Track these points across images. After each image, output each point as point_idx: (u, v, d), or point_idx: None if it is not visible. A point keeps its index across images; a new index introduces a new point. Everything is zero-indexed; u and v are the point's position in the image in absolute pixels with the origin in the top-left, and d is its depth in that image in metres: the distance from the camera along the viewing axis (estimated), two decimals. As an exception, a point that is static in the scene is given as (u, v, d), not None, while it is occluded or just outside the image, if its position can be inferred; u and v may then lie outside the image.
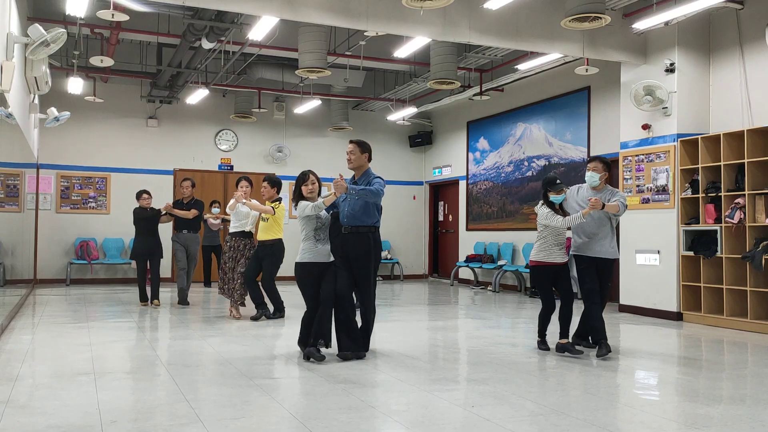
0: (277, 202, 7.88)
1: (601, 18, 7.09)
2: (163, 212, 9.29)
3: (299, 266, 5.58)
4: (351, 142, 5.91)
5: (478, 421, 3.85)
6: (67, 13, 8.77)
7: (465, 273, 13.78)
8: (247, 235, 8.13)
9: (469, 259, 13.11)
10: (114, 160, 13.20)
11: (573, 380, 5.08)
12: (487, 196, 13.49)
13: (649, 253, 8.83)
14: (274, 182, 7.94)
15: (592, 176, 6.21)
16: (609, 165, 6.28)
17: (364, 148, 5.88)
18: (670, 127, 8.64)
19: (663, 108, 8.61)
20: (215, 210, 11.54)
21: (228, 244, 8.13)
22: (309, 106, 13.51)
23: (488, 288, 12.64)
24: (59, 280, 12.62)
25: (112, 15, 7.56)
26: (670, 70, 8.59)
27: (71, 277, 12.60)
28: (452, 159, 14.77)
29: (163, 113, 13.55)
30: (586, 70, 9.53)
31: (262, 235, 7.89)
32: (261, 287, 8.06)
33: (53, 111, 9.51)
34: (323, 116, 14.56)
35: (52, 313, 8.60)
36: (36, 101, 8.97)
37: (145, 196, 9.28)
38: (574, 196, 6.30)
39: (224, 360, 5.60)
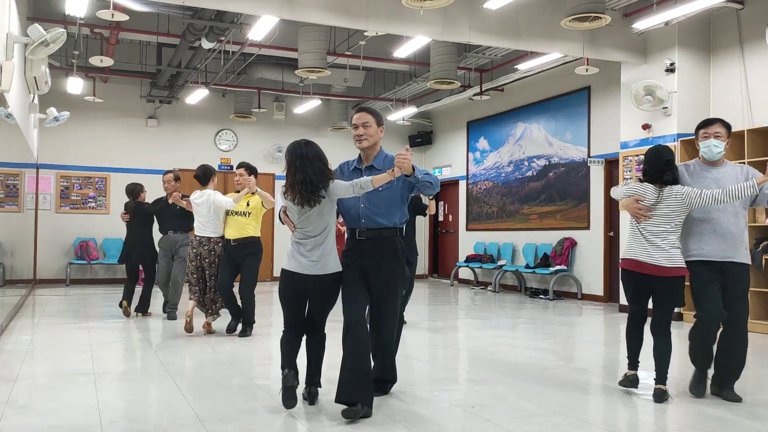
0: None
1: (601, 18, 7.09)
2: (171, 201, 7.97)
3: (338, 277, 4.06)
4: (361, 109, 4.17)
5: (478, 421, 3.85)
6: (66, 13, 8.77)
7: (465, 273, 13.77)
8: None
9: (469, 259, 13.10)
10: (114, 160, 13.20)
11: (573, 380, 5.07)
12: (487, 196, 13.48)
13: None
14: (252, 169, 6.91)
15: (714, 146, 4.39)
16: (731, 129, 4.54)
17: (380, 119, 4.18)
18: (671, 127, 8.64)
19: (663, 108, 8.61)
20: None
21: (206, 247, 6.77)
22: (309, 106, 13.51)
23: (488, 288, 12.63)
24: (59, 281, 12.61)
25: (112, 15, 7.56)
26: (670, 70, 8.59)
27: (71, 277, 12.59)
28: (452, 159, 14.76)
29: (162, 113, 13.55)
30: (586, 70, 9.53)
31: (238, 232, 6.72)
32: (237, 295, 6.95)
33: (53, 111, 9.50)
34: (323, 116, 14.56)
35: (52, 313, 8.60)
36: (36, 101, 8.96)
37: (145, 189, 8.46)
38: (684, 178, 4.45)
39: (224, 360, 5.59)
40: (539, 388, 4.71)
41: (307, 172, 3.82)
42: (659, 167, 4.33)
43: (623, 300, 9.26)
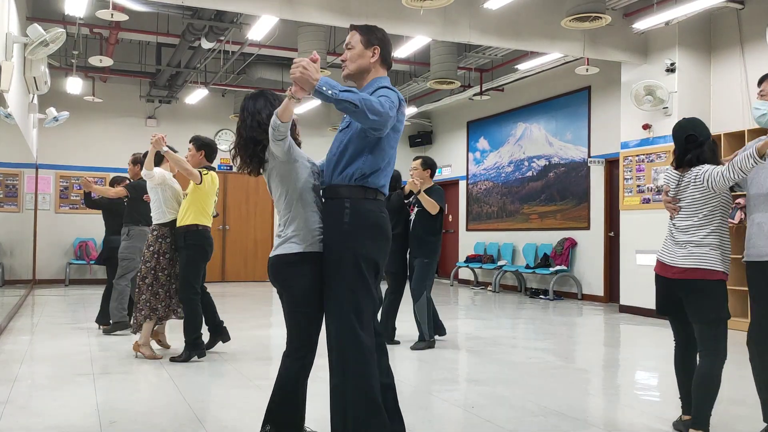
0: (206, 170, 5.62)
1: (601, 18, 7.08)
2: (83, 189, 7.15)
3: (295, 259, 2.94)
4: (352, 27, 3.11)
5: (478, 422, 3.84)
6: (66, 13, 8.77)
7: (465, 273, 13.76)
8: (170, 225, 5.67)
9: (469, 259, 13.09)
10: (113, 160, 13.15)
11: (573, 380, 5.07)
12: (487, 196, 13.47)
13: (649, 254, 8.81)
14: (203, 144, 5.72)
15: (755, 108, 3.55)
16: None
17: (370, 37, 3.04)
18: (671, 127, 8.58)
19: (663, 108, 8.60)
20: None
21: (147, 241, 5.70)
22: (309, 105, 13.49)
23: (488, 288, 12.62)
24: (58, 281, 12.60)
25: (111, 15, 7.55)
26: (671, 69, 8.58)
27: (70, 277, 12.58)
28: (452, 159, 14.75)
29: (162, 113, 13.54)
30: (587, 70, 9.52)
31: (178, 219, 5.60)
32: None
33: (52, 111, 9.49)
34: (323, 116, 14.55)
35: (51, 313, 8.59)
36: (35, 101, 8.96)
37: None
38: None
39: (223, 360, 5.58)
40: (539, 388, 4.70)
41: (240, 132, 3.07)
42: (681, 145, 3.52)
43: (623, 300, 9.26)
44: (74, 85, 11.22)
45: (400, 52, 9.87)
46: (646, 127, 8.91)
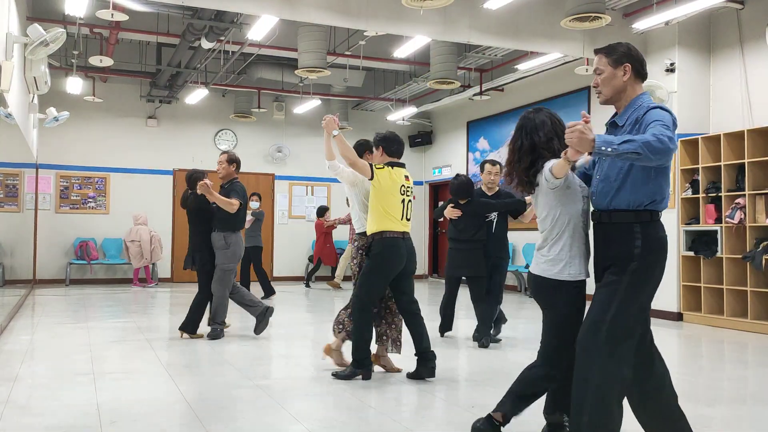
0: (383, 165, 5.02)
1: (601, 18, 7.08)
2: (199, 192, 6.77)
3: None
4: (596, 51, 3.27)
5: (479, 422, 3.83)
6: (66, 13, 8.77)
7: (465, 273, 13.75)
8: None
9: (469, 259, 13.08)
10: (113, 160, 13.19)
11: (573, 381, 5.06)
12: (487, 196, 13.47)
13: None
14: (379, 140, 5.31)
15: None
16: None
17: (616, 55, 3.19)
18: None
19: (663, 108, 8.60)
20: (254, 204, 10.26)
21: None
22: (309, 106, 13.50)
23: (488, 288, 12.62)
24: (58, 281, 12.60)
25: (112, 15, 7.55)
26: (671, 69, 8.58)
27: (70, 277, 12.58)
28: (452, 159, 14.75)
29: (162, 113, 13.54)
30: (586, 70, 9.52)
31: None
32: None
33: (52, 111, 9.50)
34: (323, 116, 14.47)
35: (52, 313, 8.59)
36: (35, 101, 8.95)
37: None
38: None
39: (224, 360, 5.59)
40: (539, 388, 4.69)
41: (515, 151, 3.44)
42: None
43: (623, 300, 9.25)
44: (74, 85, 11.22)
45: (400, 52, 9.88)
46: (646, 127, 8.91)
